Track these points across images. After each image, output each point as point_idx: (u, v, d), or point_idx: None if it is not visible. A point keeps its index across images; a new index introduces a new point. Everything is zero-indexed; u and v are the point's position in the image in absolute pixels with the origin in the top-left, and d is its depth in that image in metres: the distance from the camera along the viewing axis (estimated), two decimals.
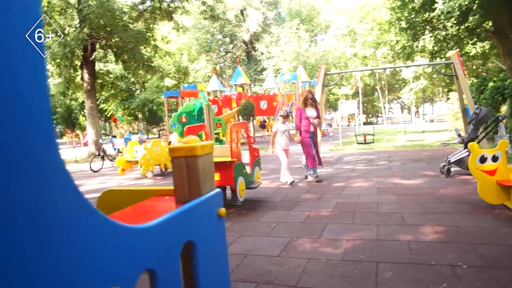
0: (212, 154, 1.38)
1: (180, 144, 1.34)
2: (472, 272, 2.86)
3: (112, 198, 1.59)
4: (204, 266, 1.21)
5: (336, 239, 3.80)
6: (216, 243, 1.31)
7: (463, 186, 6.18)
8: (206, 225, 1.26)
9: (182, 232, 1.10)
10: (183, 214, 1.12)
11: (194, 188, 1.29)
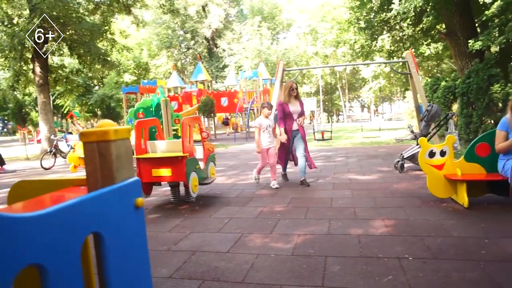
0: (129, 140, 1.24)
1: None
2: (417, 263, 2.88)
3: (24, 189, 1.42)
4: (115, 260, 1.08)
5: (288, 234, 3.74)
6: (131, 236, 1.18)
7: (415, 181, 6.33)
8: (118, 216, 1.13)
9: (83, 223, 0.97)
10: (85, 203, 0.98)
11: (107, 176, 1.15)
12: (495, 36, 12.58)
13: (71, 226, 0.92)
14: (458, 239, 3.40)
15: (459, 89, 9.87)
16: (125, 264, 1.14)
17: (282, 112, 6.30)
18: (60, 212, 0.89)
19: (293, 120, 6.32)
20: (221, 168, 8.83)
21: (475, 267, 2.78)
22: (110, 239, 1.06)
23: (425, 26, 16.30)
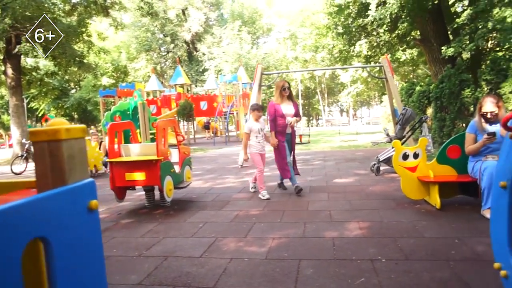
0: (84, 139, 1.19)
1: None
2: (389, 265, 2.90)
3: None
4: (64, 267, 1.03)
5: (262, 238, 3.72)
6: (84, 241, 1.13)
7: (390, 183, 6.40)
8: (69, 219, 1.07)
9: (26, 227, 0.92)
10: (28, 206, 0.93)
11: (58, 177, 1.10)
12: (466, 43, 12.94)
13: (9, 231, 0.86)
14: (429, 240, 3.44)
15: (433, 93, 10.08)
16: (76, 271, 1.08)
17: (274, 114, 5.71)
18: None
19: (285, 122, 5.75)
20: (199, 172, 8.76)
21: (444, 267, 2.81)
22: (58, 244, 1.01)
23: (401, 32, 16.61)
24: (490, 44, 14.29)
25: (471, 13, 13.17)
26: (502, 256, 1.75)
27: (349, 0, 15.55)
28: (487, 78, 7.38)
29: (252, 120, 5.70)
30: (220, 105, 21.83)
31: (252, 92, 10.17)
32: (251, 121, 5.70)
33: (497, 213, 1.76)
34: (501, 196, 1.70)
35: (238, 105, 21.45)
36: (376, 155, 7.84)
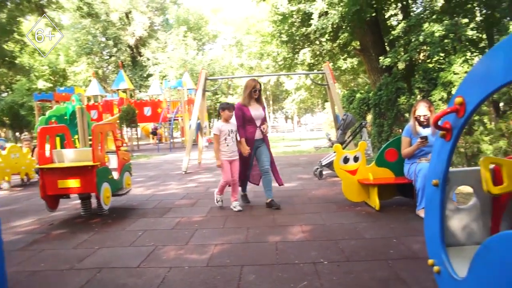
0: None
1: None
2: (331, 267, 2.91)
3: None
4: None
5: (204, 245, 3.60)
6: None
7: (332, 187, 6.54)
8: None
9: None
10: None
11: None
12: (401, 54, 13.70)
13: None
14: (369, 241, 3.51)
15: (372, 100, 10.51)
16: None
17: (242, 118, 5.02)
18: None
19: (255, 127, 5.05)
20: (140, 178, 8.44)
21: (384, 266, 2.87)
22: None
23: (342, 42, 17.25)
24: (422, 56, 15.25)
25: (405, 27, 13.99)
26: (435, 252, 1.80)
27: (293, 9, 15.89)
28: (420, 86, 7.82)
29: (221, 121, 5.05)
30: (165, 111, 21.35)
31: (196, 98, 10.01)
32: (220, 122, 5.06)
33: (430, 211, 1.81)
34: (434, 194, 1.75)
35: (183, 111, 21.10)
36: (319, 159, 8.00)
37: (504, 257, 1.25)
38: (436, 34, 12.12)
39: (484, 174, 1.64)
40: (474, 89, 1.40)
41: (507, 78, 1.21)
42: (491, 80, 1.30)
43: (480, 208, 1.96)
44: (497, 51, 1.27)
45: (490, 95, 1.33)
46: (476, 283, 1.43)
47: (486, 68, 1.34)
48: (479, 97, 1.38)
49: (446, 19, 12.71)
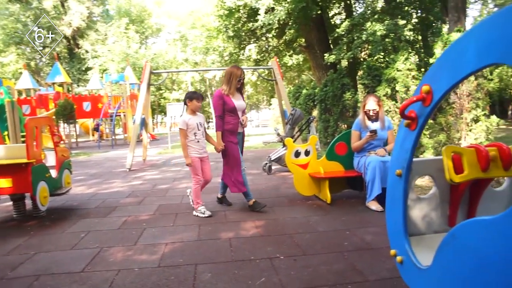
0: None
1: None
2: (288, 262, 2.86)
3: None
4: None
5: (154, 244, 3.41)
6: None
7: (282, 181, 6.56)
8: None
9: None
10: None
11: None
12: (345, 51, 14.14)
13: None
14: (323, 234, 3.52)
15: (318, 96, 10.71)
16: None
17: (223, 108, 4.45)
18: None
19: (237, 119, 4.55)
20: (81, 177, 7.94)
21: (340, 259, 2.87)
22: None
23: (288, 39, 17.46)
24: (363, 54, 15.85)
25: (348, 25, 14.44)
26: (398, 242, 1.79)
27: (240, 4, 15.78)
28: (365, 83, 8.06)
29: (188, 113, 4.42)
30: (106, 106, 20.37)
31: (140, 92, 9.60)
32: (187, 114, 4.42)
33: (392, 201, 1.80)
34: (396, 184, 1.73)
35: (125, 107, 20.27)
36: (266, 155, 8.00)
37: (472, 244, 1.25)
38: (378, 33, 12.61)
39: (446, 163, 1.65)
40: (442, 76, 1.39)
41: (479, 64, 1.20)
42: (461, 67, 1.28)
43: (439, 197, 2.00)
44: (468, 37, 1.26)
45: (459, 82, 1.32)
46: (442, 270, 1.43)
47: (455, 55, 1.32)
48: (447, 85, 1.36)
49: (387, 19, 13.28)
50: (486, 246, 1.18)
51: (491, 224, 1.16)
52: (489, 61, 1.15)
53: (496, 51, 1.11)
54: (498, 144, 1.69)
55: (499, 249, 1.14)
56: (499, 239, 1.13)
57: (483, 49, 1.17)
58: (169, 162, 10.27)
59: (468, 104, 5.28)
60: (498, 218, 1.14)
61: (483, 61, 1.18)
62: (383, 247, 3.10)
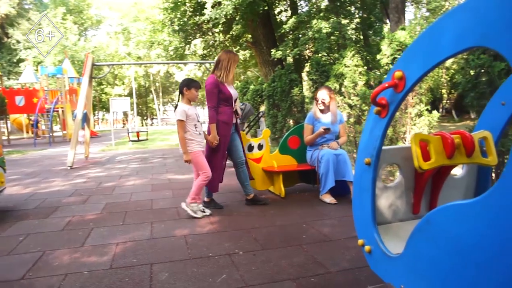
0: None
1: None
2: (248, 257, 2.79)
3: None
4: None
5: (104, 245, 3.19)
6: None
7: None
8: None
9: None
10: None
11: None
12: (291, 48, 14.34)
13: None
14: (280, 228, 3.50)
15: (266, 92, 10.73)
16: None
17: (217, 96, 4.04)
18: None
19: (232, 109, 4.20)
20: (15, 176, 7.34)
21: (299, 252, 2.86)
22: None
23: (235, 34, 17.37)
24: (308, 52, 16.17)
25: (295, 22, 14.65)
26: (366, 232, 1.78)
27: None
28: (313, 78, 8.18)
29: (184, 103, 3.96)
30: (42, 101, 19.07)
31: (82, 85, 9.06)
32: (183, 104, 3.95)
33: (360, 190, 1.79)
34: (365, 172, 1.72)
35: (64, 102, 19.10)
36: None
37: (447, 229, 1.25)
38: (323, 31, 12.91)
39: (415, 150, 1.66)
40: (416, 62, 1.38)
41: (456, 48, 1.20)
42: (437, 52, 1.28)
43: (404, 186, 2.02)
44: (445, 21, 1.25)
45: (434, 67, 1.32)
46: (415, 257, 1.43)
47: (430, 39, 1.32)
48: (421, 70, 1.36)
49: (332, 17, 13.63)
50: (462, 231, 1.19)
51: (467, 208, 1.17)
52: (467, 44, 1.16)
53: (475, 34, 1.11)
54: (461, 132, 1.74)
55: (475, 233, 1.15)
56: (476, 223, 1.14)
57: (461, 32, 1.17)
58: (114, 159, 9.81)
59: (412, 99, 5.52)
60: (474, 202, 1.15)
61: (460, 45, 1.18)
62: (341, 238, 3.13)
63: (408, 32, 5.79)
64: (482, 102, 4.39)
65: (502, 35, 1.02)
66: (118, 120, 42.25)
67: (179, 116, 3.87)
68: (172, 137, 18.28)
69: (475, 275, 1.14)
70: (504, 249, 1.04)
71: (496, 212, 1.06)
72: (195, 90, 3.95)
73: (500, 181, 1.04)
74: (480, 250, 1.13)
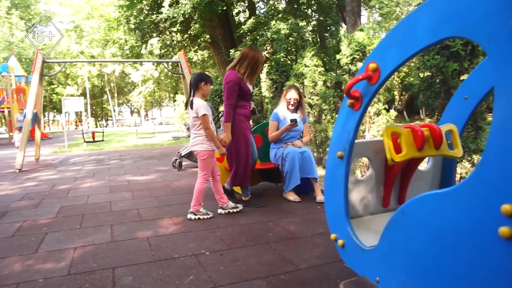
0: None
1: None
2: (215, 257, 2.72)
3: None
4: None
5: (60, 250, 3.00)
6: None
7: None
8: None
9: None
10: None
11: None
12: None
13: None
14: (246, 226, 3.45)
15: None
16: None
17: (237, 95, 3.91)
18: None
19: (249, 105, 4.15)
20: None
21: (267, 250, 2.82)
22: None
23: (193, 34, 17.16)
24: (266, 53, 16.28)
25: (253, 22, 14.69)
26: (339, 226, 1.78)
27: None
28: (273, 78, 8.21)
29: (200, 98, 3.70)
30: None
31: (31, 84, 8.56)
32: (200, 99, 3.69)
33: (333, 184, 1.78)
34: (338, 166, 1.71)
35: (10, 102, 18.02)
36: (174, 152, 7.75)
37: (424, 219, 1.26)
38: (282, 32, 13.02)
39: (387, 143, 1.67)
40: (391, 53, 1.38)
41: (433, 38, 1.20)
42: (413, 42, 1.28)
43: (375, 179, 2.04)
44: (421, 11, 1.26)
45: (409, 58, 1.32)
46: (390, 249, 1.43)
47: (406, 30, 1.32)
48: (396, 61, 1.36)
49: (290, 19, 13.79)
50: (438, 220, 1.20)
51: (444, 197, 1.18)
52: (444, 34, 1.16)
53: (453, 24, 1.12)
54: (430, 124, 1.78)
55: (451, 221, 1.16)
56: (453, 211, 1.15)
57: (438, 22, 1.18)
58: (68, 161, 9.36)
59: None
60: (451, 191, 1.16)
61: (437, 35, 1.19)
62: (307, 235, 3.13)
63: (366, 34, 5.95)
64: (437, 101, 4.58)
65: (478, 25, 1.04)
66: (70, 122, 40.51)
67: (204, 110, 3.61)
68: (129, 138, 17.76)
69: (453, 262, 1.15)
70: (481, 235, 1.05)
71: (473, 199, 1.07)
72: (210, 85, 3.80)
73: (477, 169, 1.06)
74: (457, 238, 1.14)
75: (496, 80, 0.98)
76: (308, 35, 16.10)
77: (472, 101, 1.89)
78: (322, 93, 6.66)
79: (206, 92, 3.77)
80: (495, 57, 0.99)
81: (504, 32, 0.95)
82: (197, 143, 3.75)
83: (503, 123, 0.96)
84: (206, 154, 3.76)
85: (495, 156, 0.99)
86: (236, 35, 16.67)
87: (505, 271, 0.99)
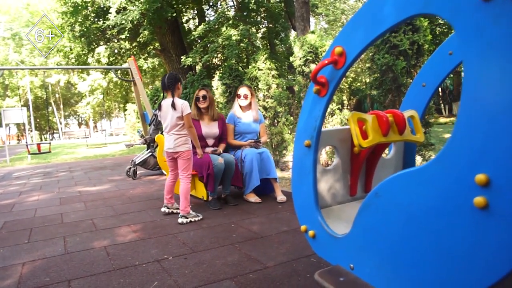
0: None
1: None
2: (179, 261, 2.61)
3: None
4: None
5: (5, 267, 2.75)
6: None
7: (150, 185, 6.20)
8: None
9: None
10: None
11: None
12: (201, 55, 14.24)
13: None
14: (208, 229, 3.36)
15: None
16: None
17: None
18: None
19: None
20: None
21: (232, 250, 2.76)
22: None
23: (142, 41, 16.77)
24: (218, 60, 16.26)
25: (204, 29, 14.61)
26: (309, 217, 1.75)
27: (87, 0, 14.51)
28: (227, 82, 8.17)
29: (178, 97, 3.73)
30: None
31: None
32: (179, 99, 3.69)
33: (301, 174, 1.75)
34: (305, 155, 1.69)
35: None
36: (126, 161, 7.50)
37: (397, 200, 1.26)
38: (233, 38, 13.05)
39: (354, 129, 1.67)
40: (357, 36, 1.38)
41: (399, 17, 1.21)
42: (378, 23, 1.29)
43: (341, 168, 2.04)
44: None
45: (375, 39, 1.33)
46: (364, 234, 1.42)
47: (371, 10, 1.32)
48: (362, 43, 1.36)
49: (240, 25, 13.86)
50: (412, 198, 1.20)
51: (417, 175, 1.19)
52: (410, 12, 1.17)
53: (418, 1, 1.13)
54: (393, 110, 1.81)
55: (425, 198, 1.16)
56: (426, 188, 1.15)
57: (403, 0, 1.19)
58: (10, 176, 8.75)
59: None
60: (423, 168, 1.16)
61: (403, 13, 1.20)
62: (271, 234, 3.10)
63: (317, 35, 6.07)
64: (388, 98, 4.73)
65: (443, 0, 1.05)
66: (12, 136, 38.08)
67: (189, 109, 3.64)
68: (78, 150, 16.98)
69: (427, 239, 1.16)
70: (456, 208, 1.06)
71: (447, 173, 1.08)
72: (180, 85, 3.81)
73: (449, 143, 1.07)
74: (432, 214, 1.14)
75: (465, 54, 0.99)
76: (259, 41, 16.27)
77: (429, 87, 1.96)
78: (276, 95, 6.71)
79: (180, 92, 3.81)
80: (462, 31, 1.00)
81: (470, 4, 0.97)
82: (181, 144, 3.71)
83: (473, 93, 0.97)
84: (191, 153, 3.79)
85: (467, 127, 1.00)
86: (187, 42, 16.50)
87: (481, 241, 1.00)
